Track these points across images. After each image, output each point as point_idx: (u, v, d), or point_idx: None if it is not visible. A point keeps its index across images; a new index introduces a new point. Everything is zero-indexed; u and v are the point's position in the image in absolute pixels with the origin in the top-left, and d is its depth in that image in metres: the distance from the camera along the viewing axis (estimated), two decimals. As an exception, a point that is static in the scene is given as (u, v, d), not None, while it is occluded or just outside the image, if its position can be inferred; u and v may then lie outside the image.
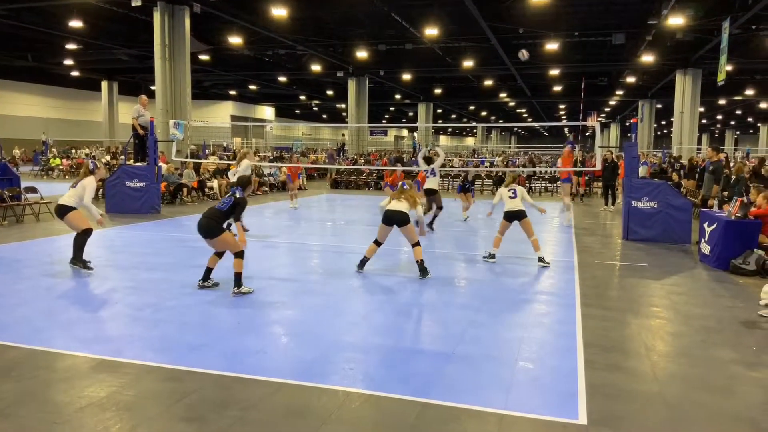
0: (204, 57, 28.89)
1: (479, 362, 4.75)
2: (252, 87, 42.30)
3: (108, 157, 26.38)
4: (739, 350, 5.23)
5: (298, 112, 63.06)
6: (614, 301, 6.95)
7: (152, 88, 21.13)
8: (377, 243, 7.85)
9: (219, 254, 6.93)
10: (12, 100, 37.66)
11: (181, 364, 4.55)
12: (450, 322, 5.89)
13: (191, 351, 4.89)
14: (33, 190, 13.46)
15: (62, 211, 7.66)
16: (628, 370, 4.69)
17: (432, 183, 11.73)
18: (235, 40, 24.32)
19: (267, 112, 54.77)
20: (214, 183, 18.00)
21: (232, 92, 46.11)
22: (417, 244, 7.75)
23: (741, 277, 8.11)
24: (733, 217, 8.65)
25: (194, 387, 4.17)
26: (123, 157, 19.89)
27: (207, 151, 28.95)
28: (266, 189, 20.62)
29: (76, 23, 22.20)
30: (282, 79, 37.09)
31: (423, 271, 7.67)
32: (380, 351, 4.99)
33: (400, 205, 7.67)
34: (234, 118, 47.51)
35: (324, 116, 65.67)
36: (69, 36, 25.50)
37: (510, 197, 8.71)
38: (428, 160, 12.19)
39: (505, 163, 25.65)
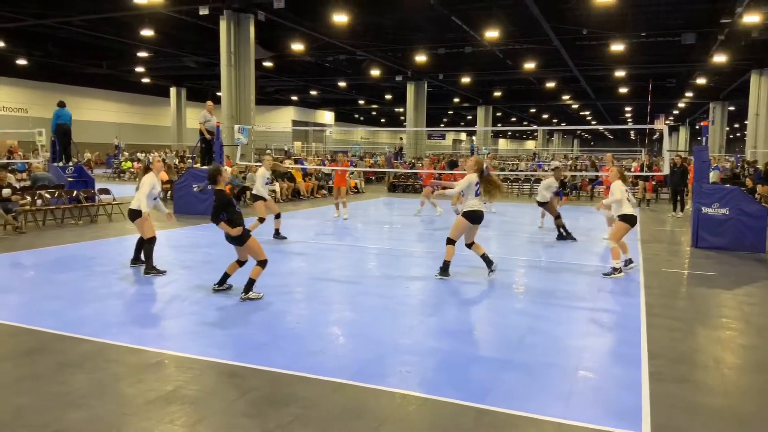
0: (267, 63, 29.65)
1: (538, 369, 4.67)
2: (313, 92, 43.09)
3: (177, 160, 27.43)
4: (819, 366, 4.93)
5: (357, 116, 63.76)
6: (681, 311, 6.68)
7: (218, 94, 21.85)
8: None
9: (240, 262, 6.84)
10: (87, 105, 39.75)
11: (243, 362, 4.69)
12: (509, 328, 5.82)
13: (253, 349, 5.03)
14: (106, 191, 14.15)
15: (132, 215, 7.91)
16: (696, 383, 4.50)
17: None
18: (298, 46, 24.85)
19: (327, 116, 55.65)
20: (276, 186, 18.41)
21: (294, 97, 47.11)
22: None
23: (822, 288, 7.64)
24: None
25: (256, 384, 4.29)
26: (191, 160, 20.65)
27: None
28: (325, 192, 20.92)
29: (147, 32, 23.28)
30: (342, 84, 37.60)
31: (489, 263, 7.82)
32: (437, 355, 4.99)
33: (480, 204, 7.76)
34: (295, 122, 48.52)
35: (382, 120, 66.08)
36: (140, 44, 26.76)
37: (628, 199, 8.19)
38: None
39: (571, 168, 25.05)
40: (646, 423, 3.76)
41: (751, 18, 17.09)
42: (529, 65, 27.78)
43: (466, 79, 34.01)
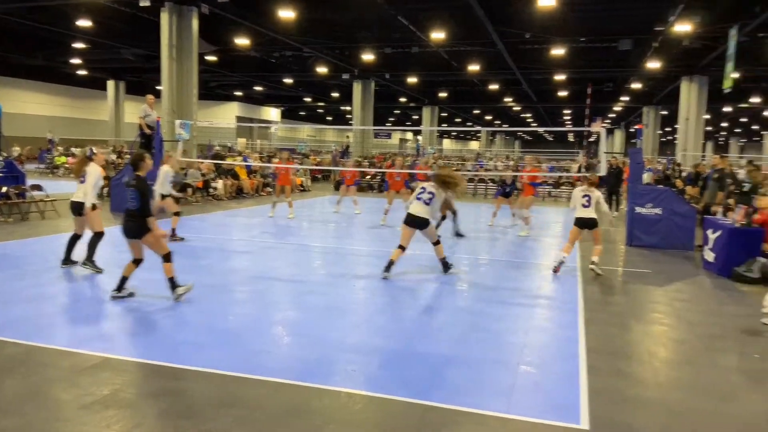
0: (211, 57, 28.97)
1: (482, 366, 4.75)
2: (258, 88, 42.40)
3: (114, 156, 26.45)
4: (742, 358, 5.22)
5: (303, 113, 63.17)
6: (617, 306, 6.94)
7: (158, 87, 21.19)
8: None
9: (136, 261, 6.37)
10: (19, 97, 37.79)
11: (182, 363, 4.56)
12: (453, 326, 5.89)
13: (193, 350, 4.90)
14: (38, 187, 13.48)
15: (76, 208, 7.59)
16: (631, 376, 4.68)
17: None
18: (243, 41, 24.38)
19: (272, 113, 54.89)
20: (219, 183, 18.04)
21: (238, 93, 46.23)
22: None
23: (744, 284, 8.09)
24: (737, 225, 8.63)
25: (195, 386, 4.18)
26: (129, 156, 19.95)
27: (211, 152, 29.01)
28: (270, 190, 20.64)
29: (84, 22, 22.30)
30: (288, 80, 37.17)
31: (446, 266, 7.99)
32: (383, 353, 5.00)
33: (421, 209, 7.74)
34: (239, 119, 47.64)
35: (329, 118, 65.75)
36: (77, 35, 25.61)
37: (583, 205, 8.37)
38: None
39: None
40: (585, 416, 3.88)
41: (683, 27, 17.92)
42: (474, 67, 28.22)
43: (412, 79, 34.24)
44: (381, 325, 5.89)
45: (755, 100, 35.01)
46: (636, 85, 31.96)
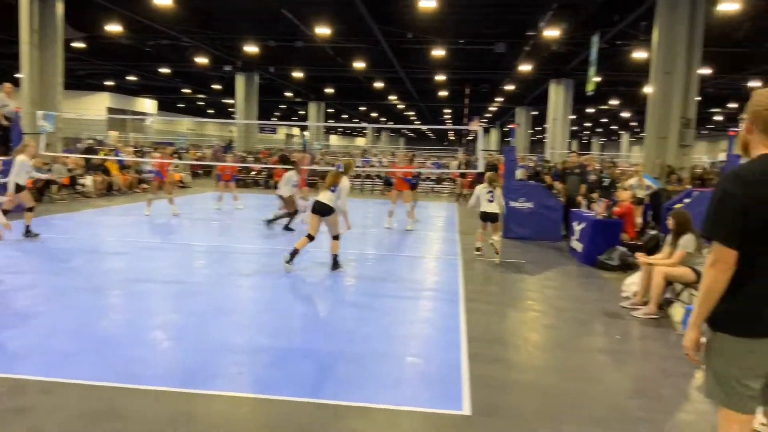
0: (78, 45, 26.84)
1: (369, 360, 4.82)
2: (131, 78, 39.91)
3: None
4: (604, 339, 5.72)
5: (182, 105, 60.34)
6: (495, 296, 7.33)
7: (17, 75, 19.31)
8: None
9: None
10: None
11: (49, 376, 4.20)
12: (339, 321, 5.93)
13: (61, 360, 4.53)
14: None
15: None
16: (508, 362, 4.97)
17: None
18: (114, 28, 22.82)
19: (147, 104, 51.90)
20: (88, 180, 16.79)
21: (110, 83, 43.23)
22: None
23: (606, 272, 8.85)
24: (599, 217, 9.42)
25: (65, 400, 3.88)
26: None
27: (79, 145, 26.93)
28: (146, 186, 19.54)
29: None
30: (164, 70, 35.33)
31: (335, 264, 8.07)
32: (270, 353, 4.92)
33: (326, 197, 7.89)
34: (111, 110, 44.61)
35: (210, 111, 63.35)
36: None
37: (489, 200, 9.30)
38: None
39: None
40: (467, 402, 4.06)
41: (552, 32, 19.21)
42: (359, 64, 28.45)
43: (298, 74, 33.85)
44: (267, 323, 5.80)
45: (614, 102, 38.39)
46: (509, 87, 33.79)
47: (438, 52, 24.16)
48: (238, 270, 8.14)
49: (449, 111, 55.61)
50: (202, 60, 30.05)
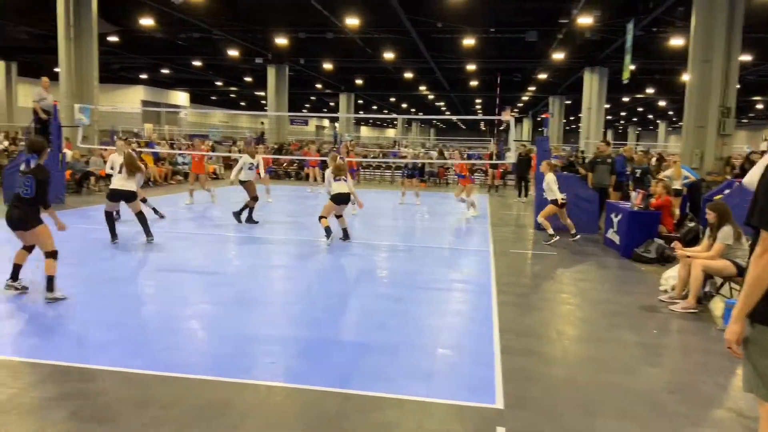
0: (113, 38, 27.35)
1: (400, 351, 4.80)
2: (165, 71, 40.50)
3: (6, 143, 24.49)
4: (641, 333, 5.59)
5: (214, 98, 61.03)
6: (527, 288, 7.24)
7: (56, 70, 19.78)
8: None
9: (28, 248, 6.00)
10: None
11: (88, 363, 4.31)
12: (370, 312, 5.92)
13: (99, 349, 4.64)
14: None
15: None
16: (542, 355, 4.90)
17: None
18: (147, 21, 23.17)
19: (181, 97, 52.62)
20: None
21: (144, 76, 43.95)
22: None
23: (643, 264, 8.66)
24: (635, 208, 9.21)
25: (104, 386, 3.97)
26: (23, 143, 18.54)
27: (115, 137, 27.49)
28: (180, 178, 19.86)
29: (-33, -3, 20.41)
30: (197, 63, 35.75)
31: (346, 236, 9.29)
32: (301, 343, 4.95)
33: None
34: (145, 103, 45.37)
35: (242, 103, 63.95)
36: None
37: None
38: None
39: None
40: (500, 395, 4.02)
41: (585, 20, 18.82)
42: (389, 55, 28.33)
43: (328, 66, 33.88)
44: (298, 313, 5.83)
45: (650, 90, 37.47)
46: (542, 76, 33.27)
47: (468, 41, 23.89)
48: (270, 261, 8.21)
49: (480, 101, 55.06)
50: (233, 52, 30.32)
